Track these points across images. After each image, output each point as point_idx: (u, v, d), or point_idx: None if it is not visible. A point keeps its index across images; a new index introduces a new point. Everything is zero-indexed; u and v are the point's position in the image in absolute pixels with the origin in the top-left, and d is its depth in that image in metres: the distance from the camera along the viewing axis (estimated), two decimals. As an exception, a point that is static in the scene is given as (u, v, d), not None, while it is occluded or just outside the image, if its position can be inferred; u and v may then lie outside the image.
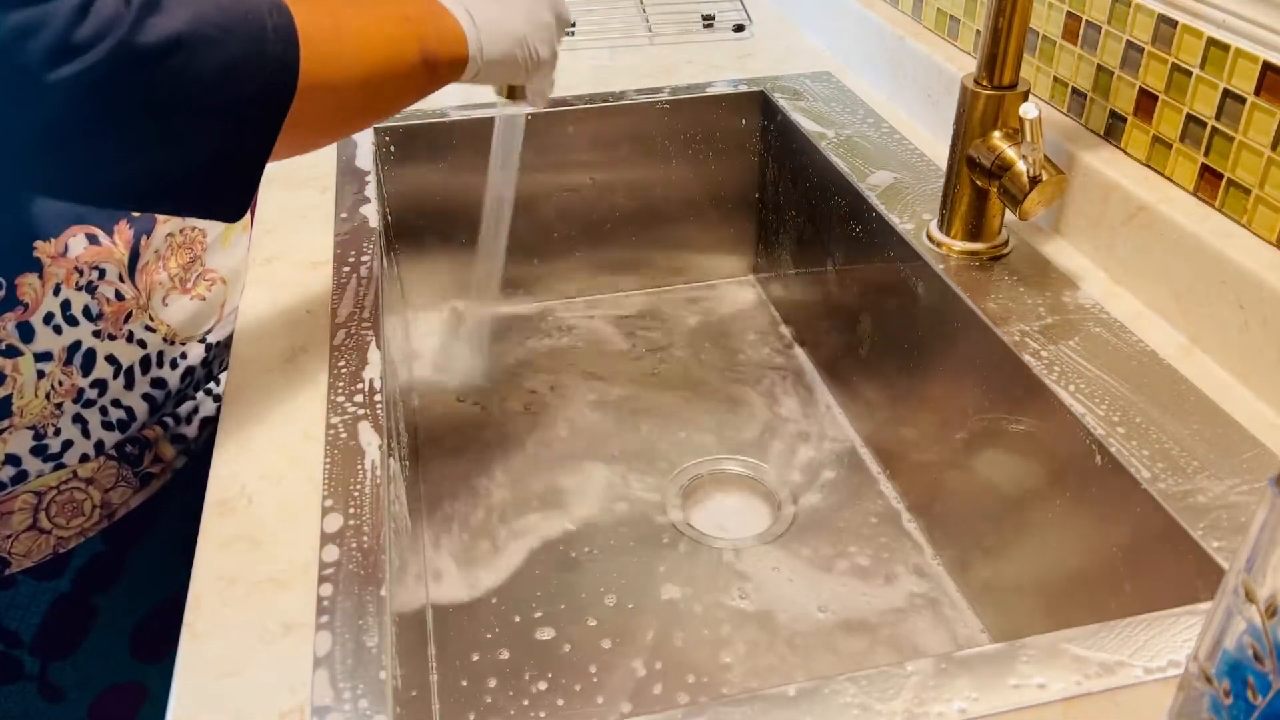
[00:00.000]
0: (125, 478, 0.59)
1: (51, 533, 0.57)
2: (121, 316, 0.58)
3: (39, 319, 0.55)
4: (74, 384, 0.56)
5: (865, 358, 0.84)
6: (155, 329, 0.61)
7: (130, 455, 0.59)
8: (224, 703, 0.43)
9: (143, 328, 0.60)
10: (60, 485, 0.57)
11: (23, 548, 0.56)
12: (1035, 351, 0.63)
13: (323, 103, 0.49)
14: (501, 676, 0.67)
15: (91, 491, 0.58)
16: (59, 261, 0.55)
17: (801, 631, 0.70)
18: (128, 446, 0.59)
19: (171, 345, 0.62)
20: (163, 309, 0.61)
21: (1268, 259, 0.59)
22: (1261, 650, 0.32)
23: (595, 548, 0.77)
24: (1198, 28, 0.62)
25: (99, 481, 0.58)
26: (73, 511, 0.57)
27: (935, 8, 0.91)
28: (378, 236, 0.75)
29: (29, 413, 0.55)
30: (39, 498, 0.56)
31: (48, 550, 0.57)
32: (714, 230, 1.05)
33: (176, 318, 0.62)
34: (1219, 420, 0.57)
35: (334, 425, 0.58)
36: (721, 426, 0.88)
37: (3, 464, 0.55)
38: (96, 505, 0.58)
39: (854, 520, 0.78)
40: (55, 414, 0.56)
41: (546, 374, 0.94)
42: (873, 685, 0.43)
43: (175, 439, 0.61)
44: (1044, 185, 0.66)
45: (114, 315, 0.58)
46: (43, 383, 0.55)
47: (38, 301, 0.54)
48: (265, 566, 0.50)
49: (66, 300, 0.56)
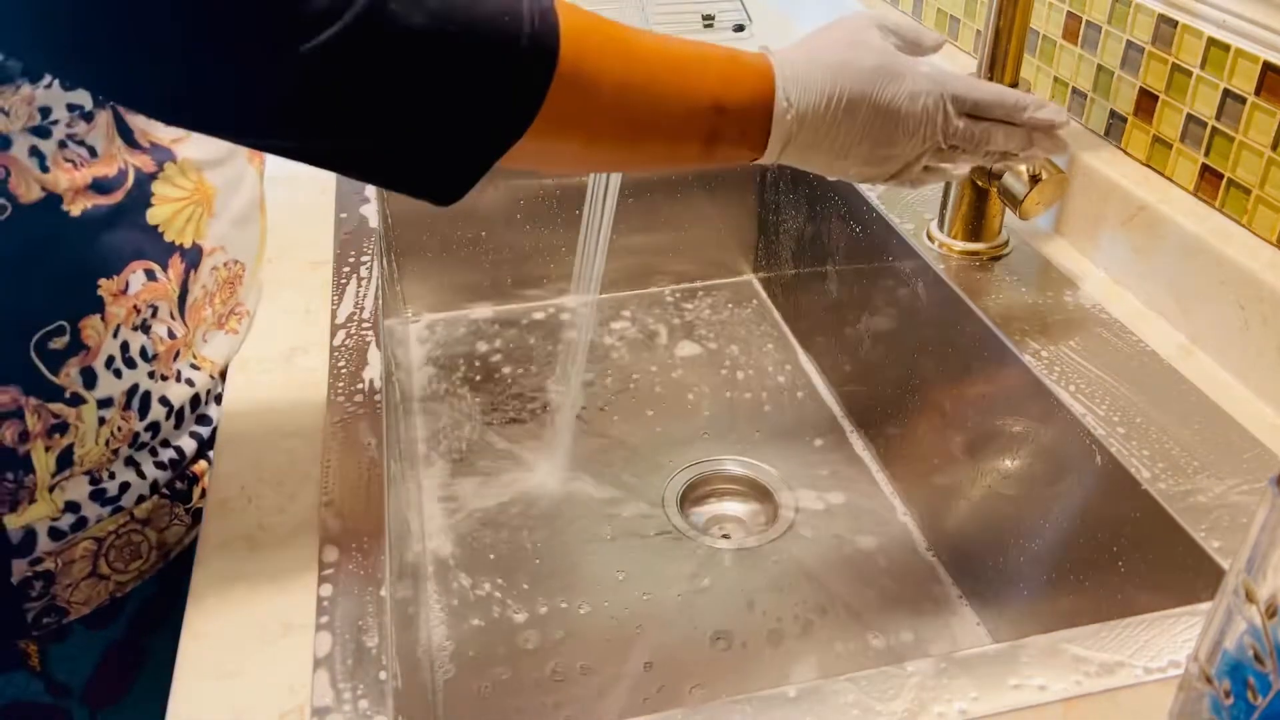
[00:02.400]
0: (178, 515, 0.58)
1: (110, 578, 0.55)
2: (172, 355, 0.56)
3: (101, 363, 0.53)
4: (131, 428, 0.55)
5: (865, 357, 0.84)
6: (200, 366, 0.59)
7: (181, 492, 0.58)
8: (224, 703, 0.43)
9: (189, 366, 0.58)
10: (119, 529, 0.55)
11: (82, 596, 0.55)
12: (1035, 351, 0.63)
13: (579, 112, 0.46)
14: (500, 674, 0.67)
15: (148, 533, 0.56)
16: (119, 300, 0.53)
17: (802, 631, 0.70)
18: (178, 483, 0.58)
19: (213, 380, 0.60)
20: (203, 345, 0.60)
21: (1268, 259, 0.59)
22: (1262, 650, 0.32)
23: (596, 547, 0.77)
24: (1198, 28, 0.62)
25: (155, 521, 0.57)
26: (131, 555, 0.56)
27: (935, 8, 0.91)
28: (378, 236, 0.75)
29: (89, 460, 0.53)
30: (99, 544, 0.55)
31: (105, 596, 0.56)
32: (714, 230, 1.05)
33: (217, 353, 0.60)
34: (1219, 420, 0.57)
35: (334, 425, 0.58)
36: (721, 426, 0.88)
37: (63, 512, 0.53)
38: (153, 546, 0.57)
39: (853, 519, 0.78)
40: (111, 459, 0.55)
41: (547, 372, 0.94)
42: (873, 685, 0.43)
43: None
44: (1044, 185, 0.66)
45: (166, 355, 0.56)
46: (103, 429, 0.53)
47: (99, 345, 0.52)
48: (265, 566, 0.50)
49: (125, 342, 0.54)
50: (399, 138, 0.43)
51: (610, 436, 0.87)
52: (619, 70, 0.46)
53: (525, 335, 0.99)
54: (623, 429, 0.88)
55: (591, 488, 0.82)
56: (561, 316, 1.02)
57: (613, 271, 1.04)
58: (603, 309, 1.03)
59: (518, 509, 0.80)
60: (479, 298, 1.02)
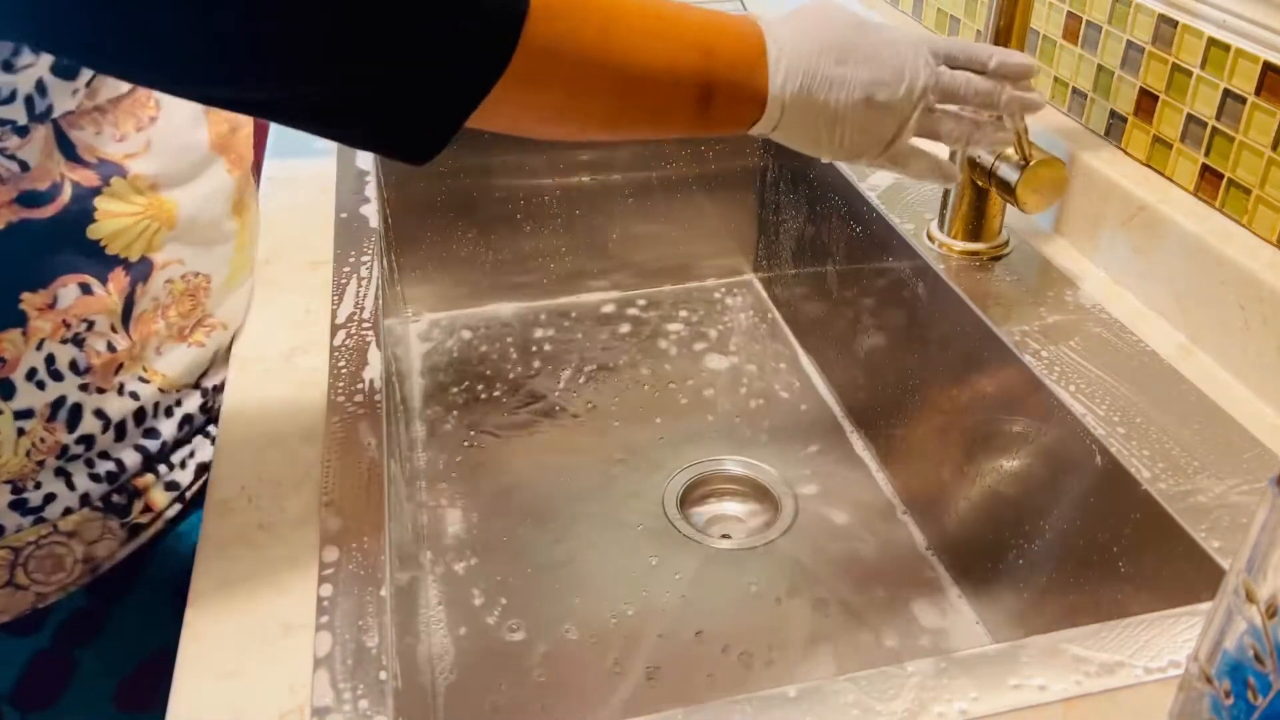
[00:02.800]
0: (111, 529, 0.56)
1: (30, 588, 0.54)
2: (112, 369, 0.55)
3: (20, 375, 0.51)
4: (57, 440, 0.53)
5: (865, 357, 0.84)
6: (149, 380, 0.57)
7: (117, 505, 0.56)
8: (224, 703, 0.43)
9: (135, 379, 0.56)
10: (39, 540, 0.54)
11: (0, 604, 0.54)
12: (1035, 351, 0.63)
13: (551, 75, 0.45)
14: (500, 674, 0.67)
15: (74, 545, 0.55)
16: (45, 315, 0.51)
17: (802, 631, 0.70)
18: (114, 496, 0.56)
19: (166, 394, 0.58)
20: (157, 359, 0.58)
21: (1268, 259, 0.59)
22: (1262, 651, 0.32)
23: (595, 547, 0.77)
24: (1198, 28, 0.62)
25: (82, 534, 0.55)
26: (53, 566, 0.54)
27: (935, 8, 0.91)
28: (378, 236, 0.75)
29: (7, 470, 0.52)
30: (15, 553, 0.53)
31: (26, 606, 0.55)
32: (714, 230, 1.05)
33: (173, 368, 0.59)
34: (1219, 420, 0.57)
35: (334, 425, 0.58)
36: (721, 427, 0.88)
37: None
38: (79, 559, 0.55)
39: (853, 519, 0.78)
40: (36, 470, 0.53)
41: (547, 372, 0.94)
42: (873, 686, 0.43)
43: (169, 485, 0.58)
44: (1039, 175, 0.65)
45: (103, 368, 0.54)
46: (23, 440, 0.52)
47: (18, 358, 0.51)
48: (265, 566, 0.50)
49: (51, 354, 0.52)
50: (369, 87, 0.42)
51: (610, 436, 0.87)
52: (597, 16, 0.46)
53: (525, 335, 0.99)
54: (623, 429, 0.88)
55: (591, 487, 0.82)
56: (561, 316, 1.02)
57: (613, 271, 1.04)
58: (603, 309, 1.03)
59: (517, 508, 0.80)
60: (479, 298, 1.02)
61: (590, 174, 1.00)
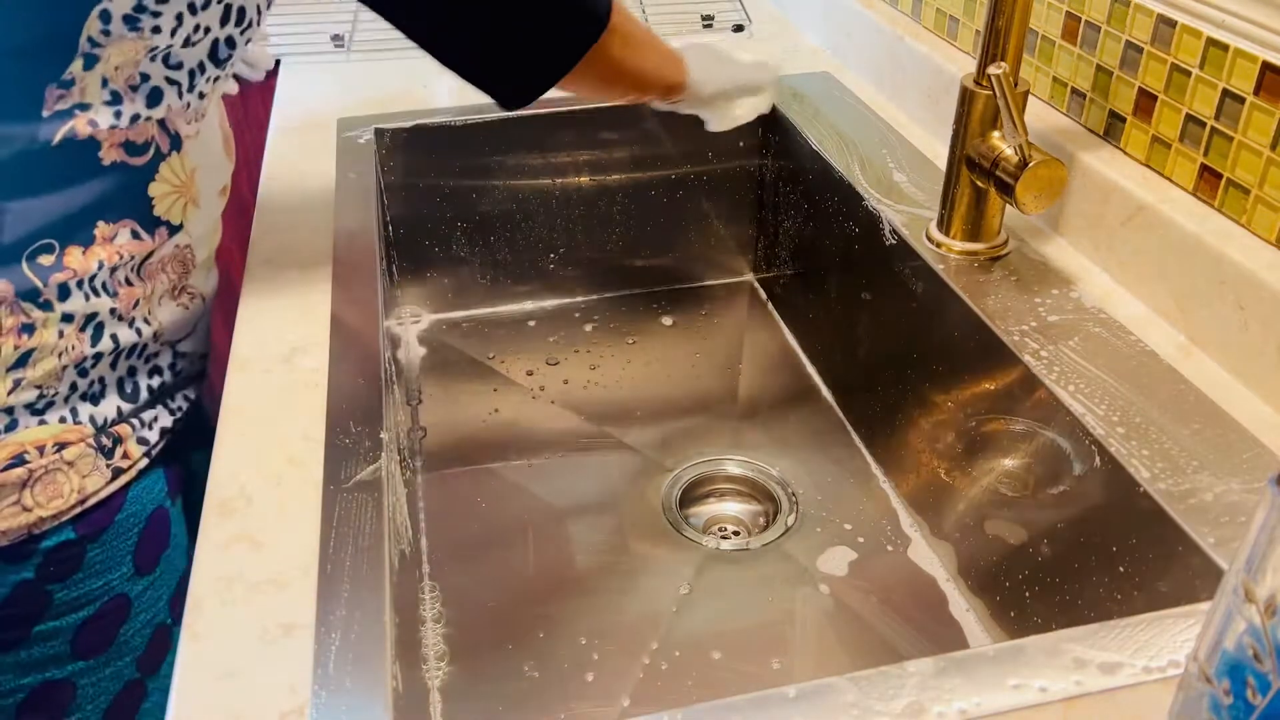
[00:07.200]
0: (99, 468, 0.61)
1: (33, 510, 0.58)
2: (131, 302, 0.61)
3: (74, 283, 0.58)
4: (81, 351, 0.59)
5: (864, 358, 0.84)
6: (150, 323, 0.63)
7: (104, 448, 0.61)
8: (224, 703, 0.43)
9: (143, 319, 0.63)
10: (48, 465, 0.58)
11: (3, 524, 0.57)
12: (1035, 351, 0.63)
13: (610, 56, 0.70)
14: (499, 674, 0.67)
15: (71, 475, 0.60)
16: (107, 246, 0.59)
17: (802, 631, 0.70)
18: (102, 438, 0.61)
19: (157, 343, 0.65)
20: (158, 307, 0.64)
21: (1267, 259, 0.59)
22: (1261, 650, 0.32)
23: (595, 547, 0.77)
24: (1197, 28, 0.63)
25: (78, 467, 0.60)
26: (54, 493, 0.59)
27: (934, 8, 0.91)
28: (378, 237, 0.75)
29: (42, 369, 0.58)
30: (30, 474, 0.58)
31: (23, 531, 0.58)
32: (713, 230, 1.05)
33: (167, 319, 0.65)
34: (1219, 420, 0.57)
35: (333, 425, 0.58)
36: (721, 426, 0.88)
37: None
38: (74, 489, 0.60)
39: (854, 519, 0.78)
40: (57, 379, 0.59)
41: (546, 373, 0.94)
42: (873, 686, 0.43)
43: (140, 440, 0.63)
44: (1038, 175, 0.65)
45: (127, 299, 0.61)
46: (60, 343, 0.58)
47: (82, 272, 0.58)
48: (265, 566, 0.50)
49: (100, 277, 0.59)
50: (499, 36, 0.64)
51: (610, 436, 0.87)
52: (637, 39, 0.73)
53: (525, 335, 0.99)
54: (623, 429, 0.88)
55: (591, 487, 0.82)
56: (561, 317, 1.02)
57: (612, 271, 1.04)
58: (602, 309, 1.03)
59: (517, 508, 0.80)
60: (479, 298, 1.02)
61: (590, 175, 1.00)
